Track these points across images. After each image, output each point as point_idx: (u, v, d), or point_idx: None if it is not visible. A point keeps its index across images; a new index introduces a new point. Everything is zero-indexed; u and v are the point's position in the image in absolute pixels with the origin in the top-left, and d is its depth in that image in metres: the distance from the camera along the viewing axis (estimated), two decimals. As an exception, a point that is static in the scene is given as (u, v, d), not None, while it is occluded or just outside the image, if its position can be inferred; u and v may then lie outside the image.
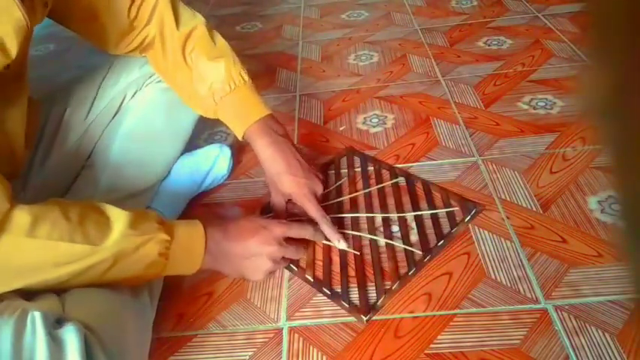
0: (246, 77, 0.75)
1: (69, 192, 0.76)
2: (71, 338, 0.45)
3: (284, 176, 0.74)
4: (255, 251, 0.66)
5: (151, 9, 0.73)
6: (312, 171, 0.77)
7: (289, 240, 0.70)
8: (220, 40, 0.77)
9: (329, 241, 0.76)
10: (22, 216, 0.49)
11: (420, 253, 0.75)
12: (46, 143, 0.75)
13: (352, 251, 0.75)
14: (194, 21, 0.75)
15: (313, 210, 0.74)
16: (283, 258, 0.70)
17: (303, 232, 0.72)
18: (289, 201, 0.79)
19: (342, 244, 0.75)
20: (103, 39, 0.74)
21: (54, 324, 0.47)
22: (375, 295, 0.70)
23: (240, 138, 0.76)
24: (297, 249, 0.72)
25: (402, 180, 0.89)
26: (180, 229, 0.61)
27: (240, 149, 1.03)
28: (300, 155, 0.77)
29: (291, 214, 0.79)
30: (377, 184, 0.89)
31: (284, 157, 0.74)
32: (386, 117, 1.07)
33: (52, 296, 0.54)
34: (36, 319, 0.45)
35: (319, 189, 0.77)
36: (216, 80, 0.73)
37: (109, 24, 0.72)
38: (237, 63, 0.75)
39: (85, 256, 0.53)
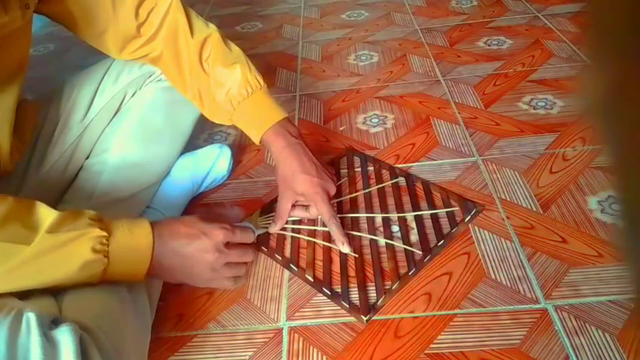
0: (262, 81, 0.75)
1: (67, 192, 0.76)
2: (66, 339, 0.45)
3: (298, 176, 0.74)
4: (191, 260, 0.61)
5: (163, 15, 0.73)
6: (325, 171, 0.77)
7: (234, 245, 0.66)
8: (234, 46, 0.77)
9: (333, 242, 0.76)
10: None
11: (420, 253, 0.75)
12: (43, 143, 0.75)
13: (351, 254, 0.75)
14: (208, 29, 0.75)
15: (325, 210, 0.74)
16: (229, 264, 0.65)
17: (246, 237, 0.68)
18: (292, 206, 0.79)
19: (345, 248, 0.75)
20: (104, 42, 0.74)
21: (50, 325, 0.47)
22: (375, 295, 0.70)
23: (257, 142, 0.76)
24: (243, 252, 0.67)
25: (402, 180, 0.89)
26: (121, 225, 0.56)
27: (240, 149, 1.03)
28: (314, 156, 0.77)
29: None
30: (377, 184, 0.89)
31: (298, 157, 0.74)
32: (386, 117, 1.07)
33: (48, 297, 0.54)
34: (30, 319, 0.45)
35: (332, 189, 0.77)
36: (234, 85, 0.73)
37: (112, 25, 0.71)
38: (252, 68, 0.75)
39: (6, 255, 0.49)
